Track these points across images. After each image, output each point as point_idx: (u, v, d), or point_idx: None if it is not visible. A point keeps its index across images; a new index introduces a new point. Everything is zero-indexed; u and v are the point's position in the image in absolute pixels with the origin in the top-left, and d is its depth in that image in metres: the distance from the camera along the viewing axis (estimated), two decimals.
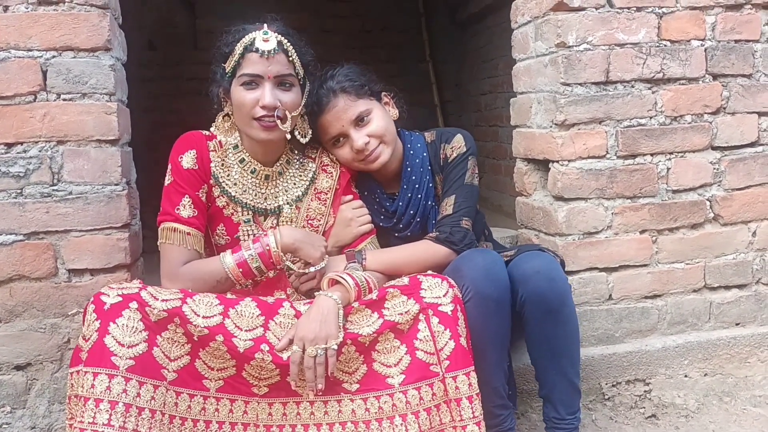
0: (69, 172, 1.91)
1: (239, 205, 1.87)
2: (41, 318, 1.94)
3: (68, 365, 1.83)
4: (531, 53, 2.33)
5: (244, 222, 1.87)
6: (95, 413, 1.45)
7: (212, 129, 1.88)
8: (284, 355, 1.60)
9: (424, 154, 2.03)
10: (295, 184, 1.93)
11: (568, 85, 2.16)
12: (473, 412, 1.59)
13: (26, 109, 1.88)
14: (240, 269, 1.75)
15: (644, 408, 2.18)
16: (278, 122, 1.76)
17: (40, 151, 1.90)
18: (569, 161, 2.19)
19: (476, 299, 1.69)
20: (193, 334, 1.58)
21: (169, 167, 1.82)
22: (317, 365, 1.57)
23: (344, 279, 1.70)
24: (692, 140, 2.26)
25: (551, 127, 2.22)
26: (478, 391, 1.61)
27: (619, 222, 2.23)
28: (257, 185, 1.89)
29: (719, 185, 2.30)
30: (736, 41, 2.27)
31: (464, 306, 1.68)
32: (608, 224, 2.23)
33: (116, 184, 1.94)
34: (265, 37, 1.74)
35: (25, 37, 1.87)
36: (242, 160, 1.88)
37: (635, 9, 2.18)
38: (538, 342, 1.82)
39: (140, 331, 1.52)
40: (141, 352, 1.51)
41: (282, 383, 1.62)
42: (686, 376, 2.27)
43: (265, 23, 1.78)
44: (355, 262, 1.85)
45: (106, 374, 1.47)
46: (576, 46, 2.15)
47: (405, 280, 1.71)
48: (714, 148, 2.29)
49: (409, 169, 2.02)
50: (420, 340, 1.62)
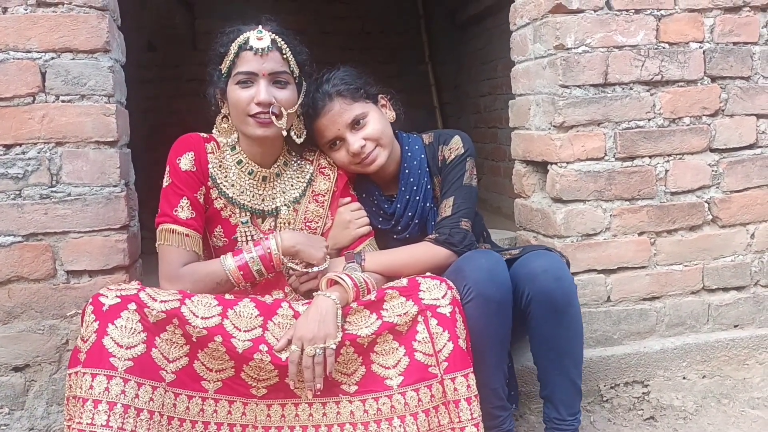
0: (68, 174, 1.91)
1: (237, 207, 1.87)
2: (40, 319, 1.94)
3: (66, 366, 1.83)
4: (530, 55, 2.33)
5: (242, 223, 1.87)
6: (94, 414, 1.45)
7: (213, 131, 1.89)
8: (283, 356, 1.60)
9: (422, 156, 2.03)
10: (293, 186, 1.93)
11: (567, 87, 2.17)
12: (472, 414, 1.59)
13: (25, 111, 1.88)
14: (241, 272, 1.75)
15: (642, 410, 2.18)
16: (273, 119, 1.76)
17: (39, 153, 1.90)
18: (568, 163, 2.19)
19: (478, 300, 1.68)
20: (192, 335, 1.58)
21: (167, 169, 1.82)
22: (316, 365, 1.58)
23: (343, 279, 1.70)
24: (691, 142, 2.26)
25: (550, 129, 2.23)
26: (477, 393, 1.61)
27: (618, 224, 2.23)
28: (255, 186, 1.89)
29: (717, 187, 2.30)
30: (735, 43, 2.27)
31: (465, 307, 1.68)
32: (607, 226, 2.23)
33: (115, 186, 1.94)
34: (259, 36, 1.76)
35: (24, 39, 1.87)
36: (240, 162, 1.88)
37: (634, 11, 2.18)
38: (543, 341, 1.82)
39: (139, 333, 1.52)
40: (139, 353, 1.51)
41: (280, 384, 1.62)
42: (684, 378, 2.27)
43: (260, 24, 1.80)
44: (354, 263, 1.85)
45: (105, 375, 1.46)
46: (574, 49, 2.15)
47: (404, 282, 1.71)
48: (712, 150, 2.29)
49: (407, 171, 2.02)
50: (419, 342, 1.62)
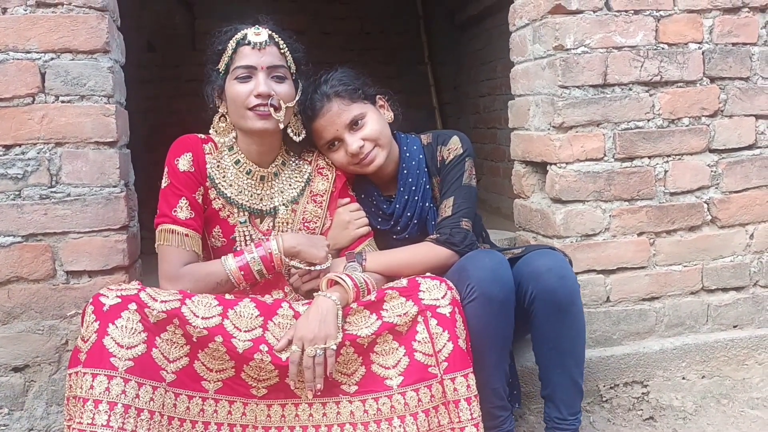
0: (67, 174, 1.91)
1: (235, 206, 1.87)
2: (39, 320, 1.94)
3: (66, 367, 1.83)
4: (529, 56, 2.34)
5: (240, 223, 1.87)
6: (94, 414, 1.45)
7: (210, 131, 1.89)
8: (283, 356, 1.60)
9: (420, 156, 2.03)
10: (291, 186, 1.93)
11: (566, 88, 2.17)
12: (471, 414, 1.59)
13: (24, 111, 1.88)
14: (242, 272, 1.76)
15: (642, 410, 2.19)
16: (272, 111, 1.77)
17: (39, 153, 1.90)
18: (567, 164, 2.19)
19: (481, 299, 1.68)
20: (192, 335, 1.58)
21: (166, 170, 1.82)
22: (316, 365, 1.58)
23: (343, 280, 1.70)
24: (690, 143, 2.26)
25: (549, 130, 2.23)
26: (477, 393, 1.61)
27: (617, 224, 2.23)
28: (253, 186, 1.89)
29: (717, 188, 2.31)
30: (734, 44, 2.27)
31: (469, 306, 1.69)
32: (606, 226, 2.23)
33: (114, 186, 1.94)
34: (257, 31, 1.80)
35: (24, 39, 1.87)
36: (237, 162, 1.88)
37: (633, 12, 2.19)
38: (545, 340, 1.82)
39: (139, 333, 1.52)
40: (140, 354, 1.51)
41: (281, 385, 1.63)
42: (684, 379, 2.27)
43: (257, 22, 1.83)
44: (355, 263, 1.85)
45: (105, 375, 1.47)
46: (574, 49, 2.15)
47: (404, 282, 1.71)
48: (711, 151, 2.29)
49: (406, 171, 2.02)
50: (418, 342, 1.62)
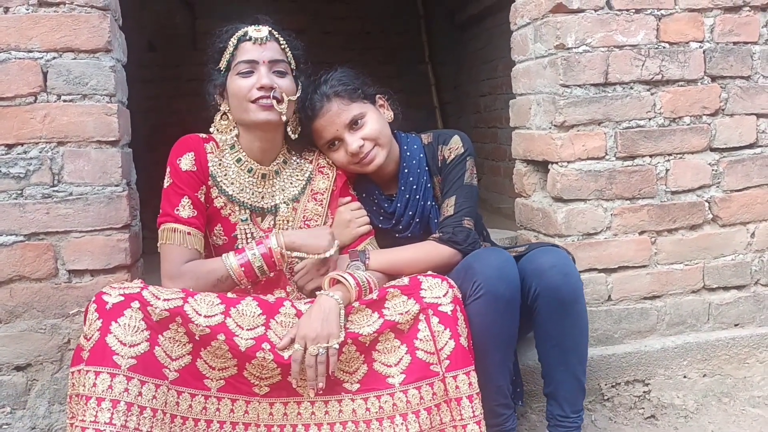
0: (69, 173, 1.91)
1: (236, 204, 1.88)
2: (41, 319, 1.94)
3: (68, 366, 1.84)
4: (530, 55, 2.34)
5: (242, 221, 1.88)
6: (97, 412, 1.45)
7: (211, 129, 1.90)
8: (285, 354, 1.60)
9: (421, 155, 2.04)
10: (292, 184, 1.94)
11: (567, 87, 2.17)
12: (473, 411, 1.60)
13: (27, 111, 1.89)
14: (243, 269, 1.76)
15: (643, 408, 2.19)
16: (274, 103, 1.78)
17: (41, 152, 1.90)
18: (568, 162, 2.19)
19: (488, 297, 1.68)
20: (195, 334, 1.58)
21: (168, 170, 1.84)
22: (318, 364, 1.58)
23: (345, 279, 1.70)
24: (691, 142, 2.27)
25: (550, 129, 2.23)
26: (479, 391, 1.61)
27: (618, 223, 2.23)
28: (254, 184, 1.90)
29: (718, 186, 2.31)
30: (735, 43, 2.28)
31: (474, 303, 1.69)
32: (607, 225, 2.23)
33: (116, 185, 1.94)
34: (257, 28, 1.84)
35: (26, 39, 1.87)
36: (239, 160, 1.89)
37: (634, 11, 2.19)
38: (548, 337, 1.82)
39: (142, 331, 1.52)
40: (143, 352, 1.51)
41: (283, 383, 1.63)
42: (685, 377, 2.27)
43: (257, 21, 1.86)
44: (358, 261, 1.85)
45: (108, 373, 1.47)
46: (575, 48, 2.16)
47: (405, 280, 1.71)
48: (713, 150, 2.29)
49: (406, 171, 2.02)
50: (420, 340, 1.62)
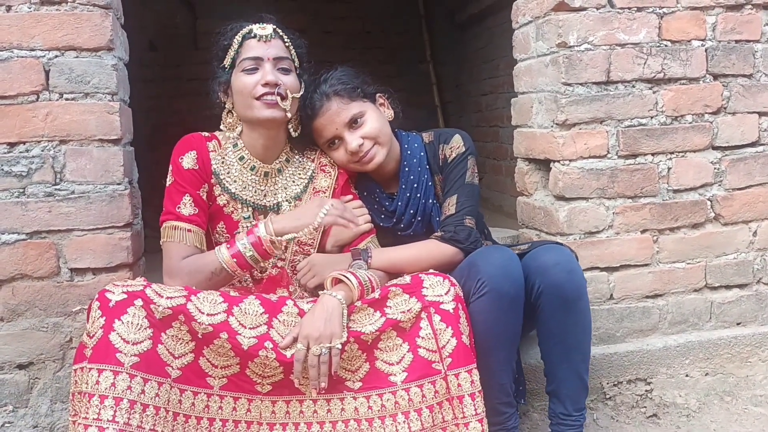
0: (71, 172, 1.91)
1: (239, 202, 1.88)
2: (43, 317, 1.95)
3: (70, 364, 1.84)
4: (532, 53, 2.34)
5: (244, 219, 1.88)
6: (100, 409, 1.45)
7: (221, 127, 1.91)
8: (288, 353, 1.60)
9: (422, 154, 2.04)
10: (294, 182, 1.95)
11: (569, 85, 2.17)
12: (475, 409, 1.60)
13: (29, 109, 1.89)
14: (235, 260, 1.75)
15: (645, 407, 2.19)
16: (279, 100, 1.79)
17: (43, 151, 1.90)
18: (570, 161, 2.19)
19: (492, 295, 1.69)
20: (198, 332, 1.58)
21: (170, 168, 1.84)
22: (321, 364, 1.58)
23: (348, 278, 1.70)
24: (693, 140, 2.26)
25: (552, 127, 2.23)
26: (481, 389, 1.61)
27: (620, 222, 2.23)
28: (257, 182, 1.90)
29: (720, 185, 2.31)
30: (737, 41, 2.27)
31: (478, 301, 1.69)
32: (609, 224, 2.23)
33: (118, 184, 1.95)
34: (262, 26, 1.86)
35: (28, 37, 1.87)
36: (242, 158, 1.90)
37: (636, 9, 2.19)
38: (552, 334, 1.82)
39: (145, 329, 1.52)
40: (146, 349, 1.51)
41: (285, 381, 1.63)
42: (687, 376, 2.27)
43: (261, 19, 1.87)
44: (360, 260, 1.85)
45: (111, 371, 1.47)
46: (577, 46, 2.15)
47: (407, 279, 1.71)
48: (715, 148, 2.29)
49: (407, 169, 2.02)
50: (422, 338, 1.62)
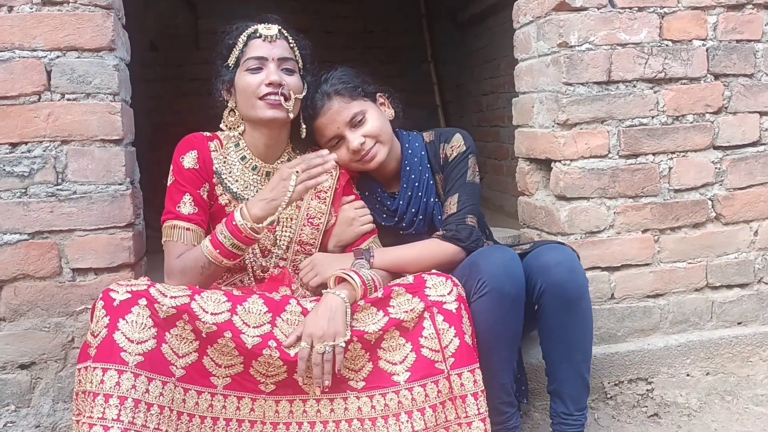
0: (73, 172, 1.92)
1: (241, 201, 1.88)
2: (45, 317, 1.95)
3: (72, 364, 1.84)
4: (533, 53, 2.34)
5: None
6: (104, 408, 1.45)
7: (222, 126, 1.92)
8: (292, 352, 1.61)
9: (423, 153, 2.04)
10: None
11: (570, 85, 2.17)
12: (478, 409, 1.60)
13: (31, 109, 1.89)
14: (218, 250, 1.73)
15: (646, 407, 2.19)
16: (282, 100, 1.79)
17: (45, 151, 1.90)
18: (571, 161, 2.19)
19: (493, 294, 1.69)
20: (202, 331, 1.58)
21: (171, 168, 1.85)
22: (325, 362, 1.58)
23: (351, 277, 1.70)
24: (694, 140, 2.27)
25: (553, 127, 2.23)
26: (483, 388, 1.62)
27: (621, 221, 2.23)
28: (258, 182, 1.91)
29: (721, 185, 2.31)
30: (738, 41, 2.28)
31: (479, 301, 1.69)
32: (610, 223, 2.23)
33: (120, 184, 1.95)
34: (267, 26, 1.87)
35: (30, 38, 1.87)
36: (244, 158, 1.90)
37: (637, 9, 2.19)
38: (553, 334, 1.82)
39: (149, 328, 1.53)
40: (150, 349, 1.52)
41: (289, 380, 1.63)
42: (688, 375, 2.27)
43: (266, 20, 1.88)
44: (363, 259, 1.85)
45: (116, 370, 1.47)
46: (578, 46, 2.16)
47: (410, 279, 1.72)
48: (716, 148, 2.29)
49: (408, 168, 2.03)
50: (425, 338, 1.62)
